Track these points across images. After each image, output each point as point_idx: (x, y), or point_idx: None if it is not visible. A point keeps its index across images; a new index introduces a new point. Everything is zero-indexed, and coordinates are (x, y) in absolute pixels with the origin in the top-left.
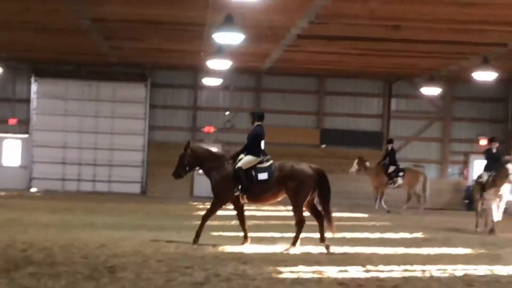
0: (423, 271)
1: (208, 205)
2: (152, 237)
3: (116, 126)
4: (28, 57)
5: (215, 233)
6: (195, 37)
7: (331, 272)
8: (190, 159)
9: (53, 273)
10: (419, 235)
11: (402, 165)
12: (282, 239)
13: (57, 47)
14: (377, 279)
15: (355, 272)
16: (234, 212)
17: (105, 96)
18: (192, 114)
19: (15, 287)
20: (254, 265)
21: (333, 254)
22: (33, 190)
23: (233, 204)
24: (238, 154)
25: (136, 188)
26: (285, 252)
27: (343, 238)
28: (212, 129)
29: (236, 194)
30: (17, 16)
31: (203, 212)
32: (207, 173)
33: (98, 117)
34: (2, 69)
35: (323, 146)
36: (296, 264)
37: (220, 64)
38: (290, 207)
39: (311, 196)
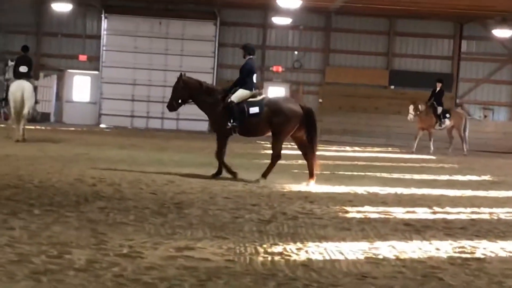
0: (491, 213)
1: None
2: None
3: (185, 64)
4: None
5: (281, 173)
6: None
7: (398, 213)
8: (183, 92)
9: (121, 207)
10: (487, 178)
11: (472, 108)
12: (350, 178)
13: None
14: (444, 221)
15: (422, 213)
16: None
17: (174, 33)
18: (261, 53)
19: (84, 221)
20: (321, 204)
21: (399, 195)
22: (102, 126)
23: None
24: (231, 87)
25: (203, 126)
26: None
27: (411, 179)
28: (280, 69)
29: (228, 127)
30: None
31: (270, 151)
32: (200, 106)
33: (167, 54)
34: (73, 5)
35: (392, 87)
36: (362, 204)
37: (290, 2)
38: (358, 148)
39: (299, 133)
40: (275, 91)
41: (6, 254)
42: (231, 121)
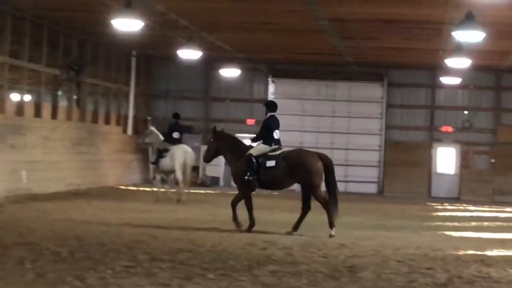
0: None
1: (446, 206)
2: (391, 237)
3: (352, 126)
4: (266, 58)
5: (455, 234)
6: (434, 35)
7: None
8: (213, 145)
9: (293, 271)
10: None
11: None
12: None
13: (294, 47)
14: None
15: None
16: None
17: (341, 95)
18: (429, 113)
19: (258, 285)
20: (498, 268)
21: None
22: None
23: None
24: (252, 141)
25: (372, 188)
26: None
27: None
28: (450, 129)
29: (245, 179)
30: (255, 17)
31: (441, 213)
32: (226, 159)
33: (334, 116)
34: (241, 70)
35: None
36: None
37: (459, 62)
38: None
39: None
40: (445, 152)
41: None
42: (248, 174)
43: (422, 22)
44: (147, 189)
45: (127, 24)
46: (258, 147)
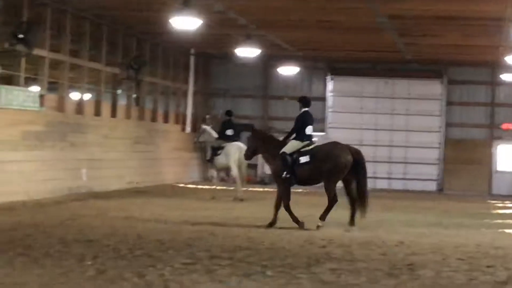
0: None
1: (507, 203)
2: (451, 235)
3: (411, 123)
4: (324, 56)
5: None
6: (493, 32)
7: None
8: (251, 144)
9: (352, 269)
10: None
11: None
12: None
13: (352, 45)
14: None
15: None
16: None
17: (400, 93)
18: (490, 110)
19: (316, 282)
20: None
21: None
22: None
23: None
24: (285, 138)
25: (432, 186)
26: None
27: None
28: (511, 126)
29: (283, 177)
30: (314, 15)
31: (501, 211)
32: (264, 157)
33: (393, 114)
34: (299, 68)
35: None
36: None
37: None
38: None
39: (348, 176)
40: (506, 149)
41: None
42: (285, 172)
43: (482, 18)
44: (205, 187)
45: (185, 23)
46: (290, 144)
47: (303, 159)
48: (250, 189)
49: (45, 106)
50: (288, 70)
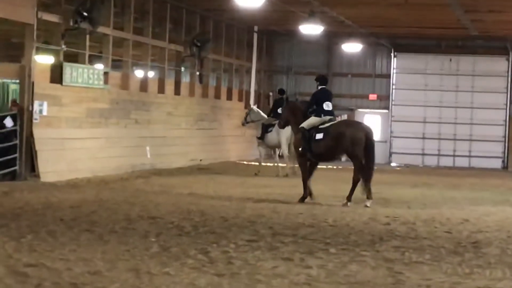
0: None
1: None
2: None
3: (476, 100)
4: (388, 33)
5: None
6: None
7: None
8: (284, 114)
9: (416, 246)
10: None
11: None
12: None
13: (417, 21)
14: None
15: None
16: None
17: (465, 70)
18: None
19: (380, 260)
20: None
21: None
22: (392, 164)
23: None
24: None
25: (497, 163)
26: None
27: None
28: None
29: (300, 151)
30: None
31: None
32: (292, 130)
33: (457, 91)
34: (363, 45)
35: None
36: None
37: None
38: None
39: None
40: None
41: None
42: (303, 146)
43: None
44: (269, 164)
45: (248, 0)
46: (310, 120)
47: (318, 135)
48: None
49: (109, 84)
50: (351, 47)
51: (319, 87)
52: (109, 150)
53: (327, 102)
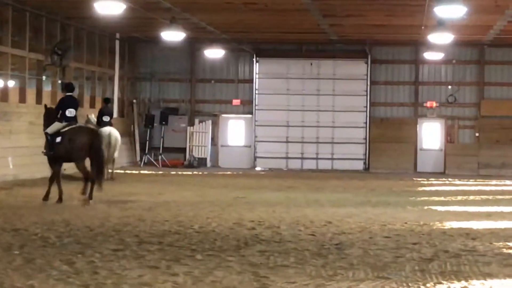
0: None
1: (432, 181)
2: (377, 213)
3: (337, 103)
4: (250, 38)
5: (441, 209)
6: (416, 12)
7: None
8: (44, 118)
9: (281, 250)
10: None
11: None
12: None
13: (278, 26)
14: None
15: None
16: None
17: (325, 73)
18: (414, 89)
19: (246, 265)
20: (484, 241)
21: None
22: (257, 168)
23: None
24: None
25: (359, 165)
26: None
27: None
28: (434, 104)
29: (44, 154)
30: None
31: (427, 188)
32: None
33: (319, 95)
34: (225, 51)
35: None
36: None
37: (441, 38)
38: None
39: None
40: (430, 127)
41: None
42: (46, 149)
43: None
44: (136, 172)
45: (109, 7)
46: (53, 125)
47: (58, 139)
48: (180, 172)
49: None
50: (214, 53)
51: (65, 94)
52: None
53: (70, 109)
